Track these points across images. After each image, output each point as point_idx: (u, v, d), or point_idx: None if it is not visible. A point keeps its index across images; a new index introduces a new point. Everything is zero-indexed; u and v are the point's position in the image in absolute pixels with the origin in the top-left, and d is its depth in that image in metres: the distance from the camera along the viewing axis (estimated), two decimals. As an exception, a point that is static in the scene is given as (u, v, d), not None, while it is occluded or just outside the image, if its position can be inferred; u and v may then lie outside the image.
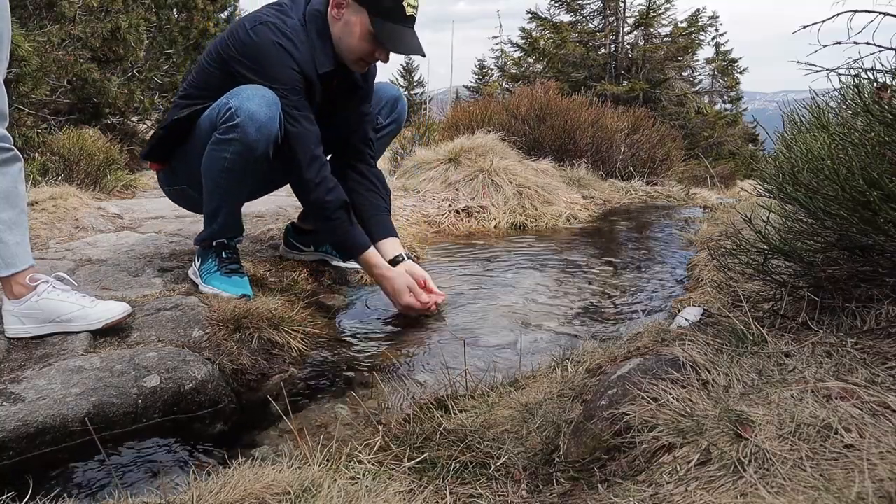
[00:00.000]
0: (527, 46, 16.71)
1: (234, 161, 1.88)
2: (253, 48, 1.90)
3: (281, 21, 1.93)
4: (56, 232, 2.77)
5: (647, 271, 2.63)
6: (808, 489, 0.75)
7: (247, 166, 1.89)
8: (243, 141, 1.83)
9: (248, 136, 1.82)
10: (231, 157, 1.87)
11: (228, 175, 1.92)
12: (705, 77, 20.43)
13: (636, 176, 5.34)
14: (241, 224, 2.13)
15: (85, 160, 4.49)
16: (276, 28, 1.91)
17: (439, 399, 1.38)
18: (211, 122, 1.91)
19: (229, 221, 2.05)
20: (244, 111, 1.81)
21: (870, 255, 1.24)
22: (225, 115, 1.84)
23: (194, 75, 2.08)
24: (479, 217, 3.63)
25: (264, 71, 1.90)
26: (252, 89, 1.85)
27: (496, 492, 1.06)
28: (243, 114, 1.81)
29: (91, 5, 5.98)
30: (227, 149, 1.86)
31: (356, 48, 1.97)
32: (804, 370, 1.00)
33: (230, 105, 1.83)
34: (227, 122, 1.84)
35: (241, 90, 1.86)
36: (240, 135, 1.82)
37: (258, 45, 1.90)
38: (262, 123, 1.82)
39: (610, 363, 1.34)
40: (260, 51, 1.90)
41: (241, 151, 1.85)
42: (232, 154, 1.87)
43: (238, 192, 2.02)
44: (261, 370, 1.69)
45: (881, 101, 1.17)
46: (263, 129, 1.83)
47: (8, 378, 1.45)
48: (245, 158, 1.86)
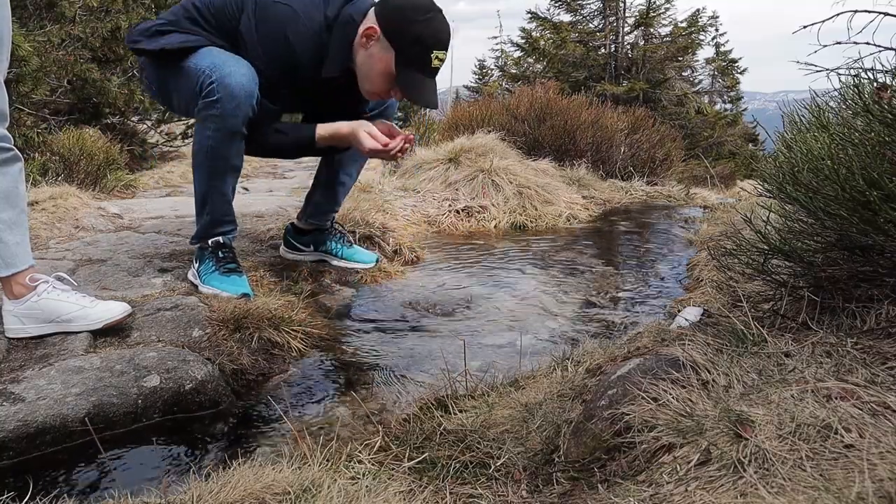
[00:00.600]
0: (527, 46, 16.71)
1: (215, 139, 1.93)
2: (264, 23, 1.93)
3: (307, 16, 1.93)
4: (56, 232, 2.77)
5: (647, 271, 2.63)
6: (808, 489, 0.75)
7: (228, 144, 1.94)
8: (222, 117, 1.88)
9: (227, 112, 1.87)
10: (212, 136, 1.92)
11: (213, 154, 1.96)
12: (705, 77, 20.44)
13: (636, 176, 5.34)
14: (234, 216, 2.13)
15: (85, 160, 4.49)
16: (296, 20, 1.91)
17: (439, 399, 1.38)
18: (192, 89, 1.94)
19: (219, 209, 2.06)
20: (223, 87, 1.86)
21: (870, 255, 1.24)
22: (206, 89, 1.88)
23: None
24: (479, 217, 3.63)
25: (257, 50, 1.93)
26: (233, 65, 1.88)
27: (496, 492, 1.06)
28: (222, 90, 1.86)
29: (91, 5, 5.98)
30: (209, 126, 1.92)
31: (375, 82, 1.98)
32: (804, 370, 1.00)
33: (212, 79, 1.87)
34: (208, 98, 1.89)
35: (223, 64, 1.88)
36: (218, 111, 1.88)
37: (270, 25, 1.92)
38: (241, 101, 1.87)
39: (610, 363, 1.34)
40: (269, 32, 1.93)
41: (221, 128, 1.90)
42: (213, 132, 1.92)
43: (223, 175, 2.03)
44: (261, 370, 1.69)
45: (881, 101, 1.17)
46: (242, 107, 1.88)
47: (8, 378, 1.45)
48: (224, 135, 1.91)
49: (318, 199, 2.44)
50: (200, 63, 1.93)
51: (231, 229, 2.12)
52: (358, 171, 2.48)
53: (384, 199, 3.49)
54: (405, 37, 1.90)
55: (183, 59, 1.97)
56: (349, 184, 2.47)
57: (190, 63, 1.95)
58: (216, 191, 2.04)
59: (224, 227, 2.09)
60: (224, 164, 2.00)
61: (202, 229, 2.08)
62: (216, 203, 2.05)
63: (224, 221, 2.09)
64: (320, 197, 2.44)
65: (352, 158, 2.37)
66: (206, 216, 2.06)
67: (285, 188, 4.91)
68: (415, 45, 1.90)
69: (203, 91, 1.90)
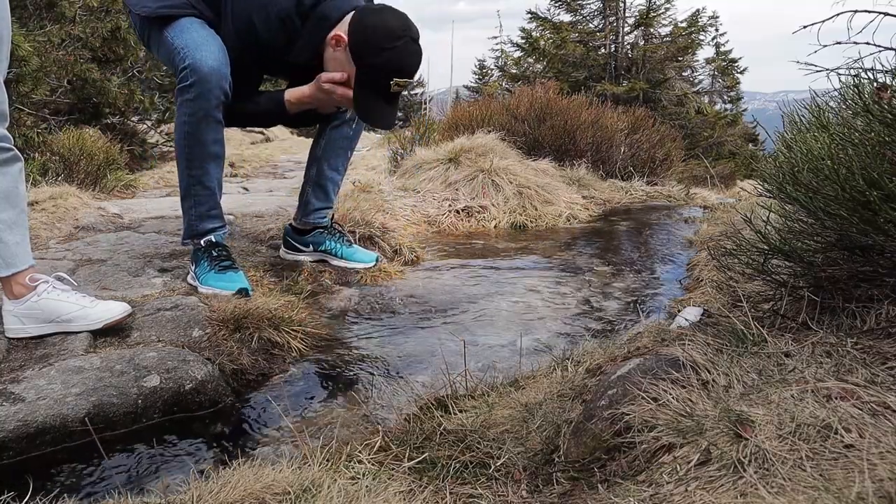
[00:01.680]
0: (527, 46, 16.71)
1: (190, 124, 1.94)
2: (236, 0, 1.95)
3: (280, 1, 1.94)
4: (56, 232, 2.77)
5: (647, 271, 2.63)
6: (808, 489, 0.75)
7: (203, 127, 1.95)
8: (196, 101, 1.90)
9: (201, 95, 1.89)
10: (188, 121, 1.94)
11: (190, 139, 1.97)
12: (705, 77, 20.45)
13: (636, 176, 5.34)
14: (221, 211, 2.13)
15: (85, 160, 4.49)
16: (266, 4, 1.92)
17: (439, 399, 1.38)
18: (171, 62, 1.97)
19: (203, 202, 2.06)
20: (197, 70, 1.87)
21: (870, 255, 1.24)
22: (181, 74, 1.90)
23: None
24: (479, 217, 3.63)
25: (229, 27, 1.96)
26: (205, 47, 1.90)
27: (496, 492, 1.06)
28: (198, 72, 1.88)
29: (91, 5, 5.98)
30: (184, 112, 1.93)
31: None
32: (804, 370, 1.00)
33: (186, 62, 1.88)
34: (182, 83, 1.91)
35: (196, 47, 1.90)
36: (193, 94, 1.90)
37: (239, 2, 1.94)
38: (212, 86, 1.89)
39: (610, 363, 1.34)
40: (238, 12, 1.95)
41: (195, 111, 1.92)
42: (188, 117, 1.94)
43: (202, 159, 2.02)
44: (261, 370, 1.69)
45: (881, 101, 1.17)
46: (213, 90, 1.90)
47: (8, 378, 1.45)
48: (199, 118, 1.93)
49: (309, 197, 2.44)
50: (176, 40, 1.95)
51: (220, 226, 2.12)
52: (345, 166, 2.48)
53: (384, 199, 3.49)
54: (367, 60, 1.92)
55: (163, 28, 2.00)
56: (338, 179, 2.47)
57: (168, 35, 1.98)
58: (198, 182, 2.04)
59: (211, 223, 2.09)
60: (201, 150, 2.00)
61: (188, 226, 2.08)
62: (199, 196, 2.05)
63: (210, 216, 2.08)
64: (311, 195, 2.44)
65: (335, 152, 2.39)
66: (190, 210, 2.06)
67: (285, 188, 4.91)
68: (375, 71, 1.92)
69: (178, 74, 1.93)
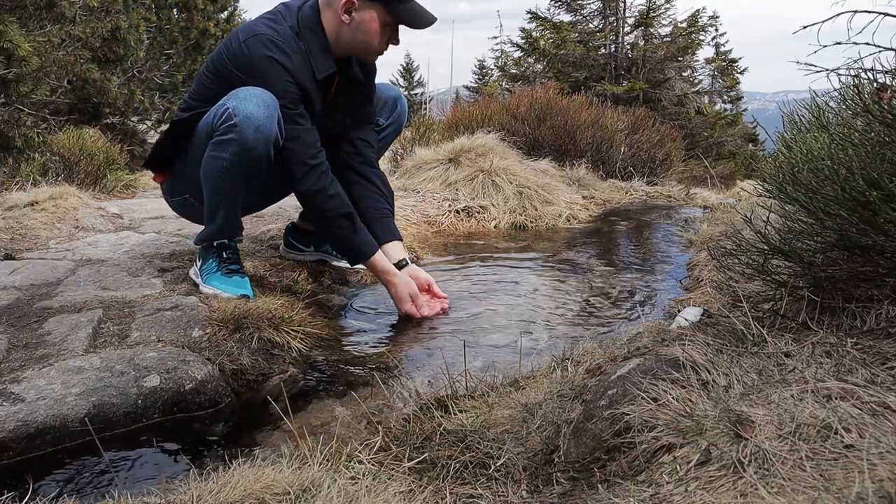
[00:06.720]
0: (527, 46, 16.70)
1: (232, 162, 1.86)
2: (246, 62, 1.90)
3: (273, 32, 1.92)
4: (56, 232, 2.77)
5: (647, 271, 2.63)
6: (808, 489, 0.75)
7: (246, 169, 1.88)
8: (241, 142, 1.81)
9: (246, 137, 1.81)
10: (229, 158, 1.86)
11: (227, 176, 1.90)
12: (705, 77, 20.46)
13: (636, 176, 5.34)
14: (241, 224, 2.12)
15: (85, 160, 4.50)
16: (270, 41, 1.90)
17: (439, 399, 1.38)
18: (208, 124, 1.90)
19: (229, 221, 2.04)
20: (241, 111, 1.80)
21: (870, 255, 1.24)
22: (223, 117, 1.83)
23: (194, 87, 2.08)
24: (479, 217, 3.63)
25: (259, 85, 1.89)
26: (250, 90, 1.85)
27: (496, 492, 1.06)
28: (241, 114, 1.80)
29: (91, 5, 5.98)
30: (226, 149, 1.85)
31: (373, 42, 1.99)
32: (804, 370, 1.00)
33: (227, 106, 1.82)
34: (225, 123, 1.82)
35: (238, 91, 1.85)
36: (237, 135, 1.81)
37: (251, 58, 1.89)
38: (261, 124, 1.81)
39: (610, 363, 1.34)
40: (253, 65, 1.89)
41: (239, 153, 1.83)
42: (230, 155, 1.85)
43: (237, 194, 2.00)
44: (261, 370, 1.69)
45: (881, 101, 1.17)
46: (262, 130, 1.81)
47: (8, 378, 1.45)
48: (243, 160, 1.85)
49: None
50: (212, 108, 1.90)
51: (238, 234, 2.12)
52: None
53: (384, 199, 3.48)
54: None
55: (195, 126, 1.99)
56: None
57: (201, 120, 1.96)
58: (227, 209, 2.02)
59: (231, 233, 2.09)
60: (239, 186, 1.96)
61: (208, 234, 2.06)
62: (226, 218, 2.03)
63: (233, 228, 2.08)
64: None
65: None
66: (214, 224, 2.04)
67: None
68: None
69: (218, 119, 1.85)
